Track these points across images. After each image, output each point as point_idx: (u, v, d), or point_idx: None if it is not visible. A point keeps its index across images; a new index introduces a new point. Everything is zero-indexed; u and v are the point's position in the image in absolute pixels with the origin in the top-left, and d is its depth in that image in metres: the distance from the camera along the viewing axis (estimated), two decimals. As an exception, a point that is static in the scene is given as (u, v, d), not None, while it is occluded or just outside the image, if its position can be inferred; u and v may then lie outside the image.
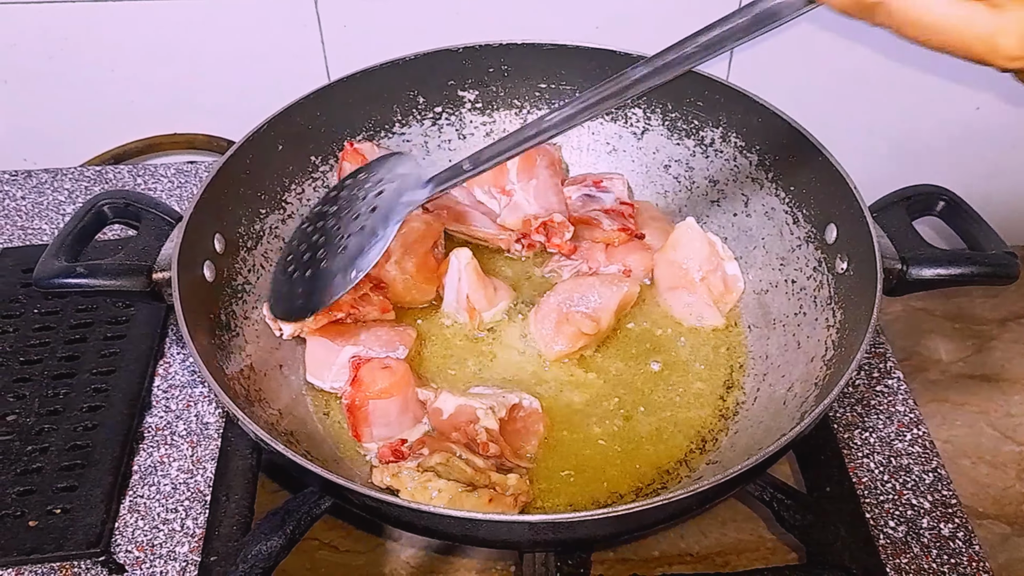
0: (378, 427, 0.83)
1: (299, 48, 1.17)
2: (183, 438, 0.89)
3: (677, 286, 0.95)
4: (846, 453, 0.87)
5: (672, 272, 0.96)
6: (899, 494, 0.84)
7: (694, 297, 0.95)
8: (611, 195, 1.02)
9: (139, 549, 0.80)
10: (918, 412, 0.91)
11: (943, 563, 0.79)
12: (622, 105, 1.04)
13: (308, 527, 0.77)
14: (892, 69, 1.18)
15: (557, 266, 1.00)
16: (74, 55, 1.17)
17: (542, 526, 0.68)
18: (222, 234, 0.87)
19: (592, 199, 1.02)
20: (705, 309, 0.94)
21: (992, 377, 1.04)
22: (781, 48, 1.17)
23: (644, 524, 0.77)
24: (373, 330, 0.90)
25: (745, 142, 0.97)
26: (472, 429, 0.80)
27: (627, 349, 0.93)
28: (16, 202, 1.14)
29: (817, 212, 0.90)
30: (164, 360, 0.96)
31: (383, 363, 0.85)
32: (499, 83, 1.04)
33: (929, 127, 1.24)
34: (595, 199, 1.02)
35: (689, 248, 0.95)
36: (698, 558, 0.83)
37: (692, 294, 0.95)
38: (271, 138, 0.93)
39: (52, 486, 0.82)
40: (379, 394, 0.82)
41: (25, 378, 0.91)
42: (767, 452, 0.67)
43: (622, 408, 0.87)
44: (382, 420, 0.83)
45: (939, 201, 0.86)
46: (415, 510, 0.66)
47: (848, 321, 0.82)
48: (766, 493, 0.79)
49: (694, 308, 0.95)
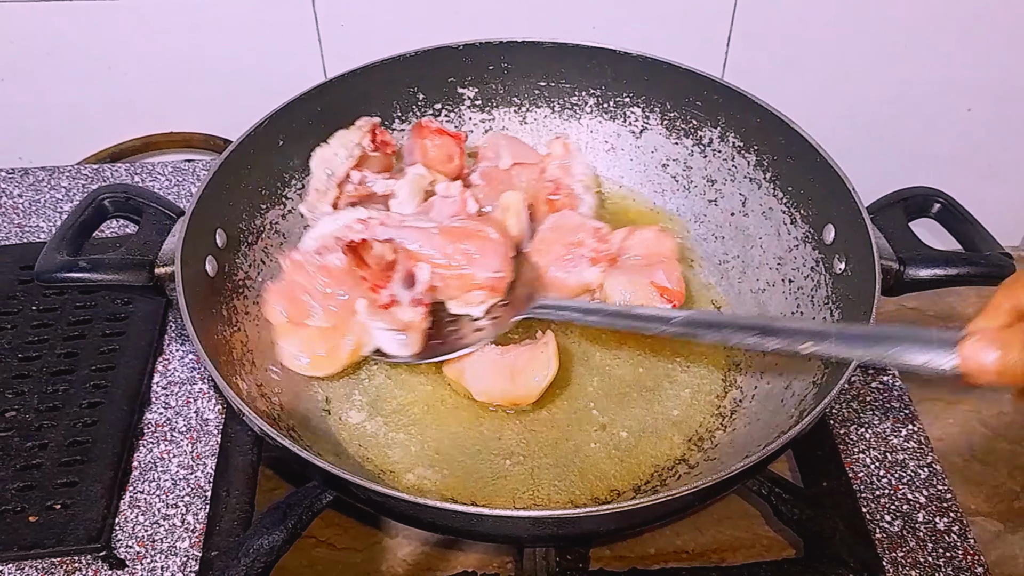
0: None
1: (296, 47, 1.17)
2: (183, 434, 0.89)
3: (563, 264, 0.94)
4: (842, 448, 0.88)
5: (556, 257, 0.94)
6: (895, 489, 0.85)
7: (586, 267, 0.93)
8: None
9: (140, 544, 0.80)
10: (913, 408, 0.92)
11: (939, 556, 0.80)
12: (620, 104, 1.05)
13: (309, 522, 0.77)
14: (889, 71, 1.20)
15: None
16: (71, 53, 1.17)
17: (545, 521, 0.68)
18: (224, 229, 0.87)
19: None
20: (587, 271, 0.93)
21: (984, 376, 1.05)
22: (779, 49, 1.18)
23: (645, 520, 0.77)
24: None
25: (743, 142, 0.98)
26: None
27: (625, 347, 0.93)
28: (13, 200, 1.13)
29: (815, 212, 0.91)
30: (163, 357, 0.96)
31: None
32: (499, 81, 1.05)
33: (925, 128, 1.25)
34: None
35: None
36: (694, 555, 0.83)
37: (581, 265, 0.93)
38: (272, 133, 0.93)
39: (52, 482, 0.82)
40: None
41: (24, 374, 0.91)
42: (767, 451, 0.68)
43: (621, 405, 0.88)
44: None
45: (935, 203, 0.87)
46: (418, 504, 0.66)
47: (846, 320, 0.82)
48: (764, 487, 0.80)
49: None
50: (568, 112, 1.07)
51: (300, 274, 0.86)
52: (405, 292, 0.88)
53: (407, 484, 0.81)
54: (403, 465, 0.83)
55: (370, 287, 0.88)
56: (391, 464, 0.83)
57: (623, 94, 1.04)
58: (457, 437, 0.85)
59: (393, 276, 0.88)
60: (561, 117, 1.07)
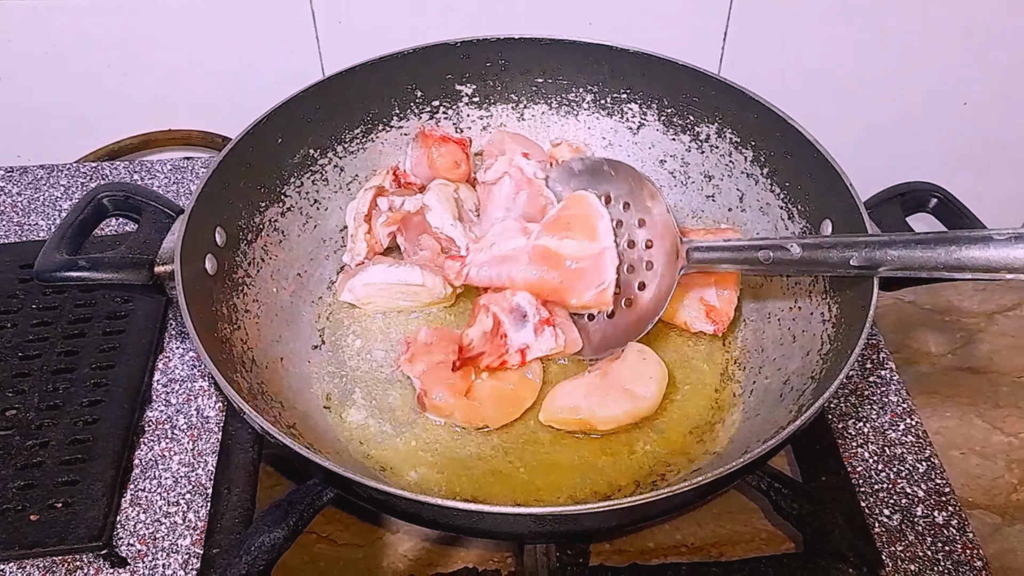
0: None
1: (294, 45, 1.17)
2: (184, 432, 0.89)
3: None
4: (841, 443, 0.88)
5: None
6: (893, 483, 0.86)
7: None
8: (529, 337, 0.87)
9: (141, 542, 0.81)
10: (911, 402, 0.93)
11: (938, 550, 0.80)
12: (618, 100, 1.05)
13: (311, 519, 0.77)
14: (886, 66, 1.20)
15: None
16: (69, 51, 1.17)
17: (546, 518, 0.68)
18: (223, 227, 0.87)
19: (520, 318, 0.89)
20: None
21: (981, 369, 1.05)
22: (776, 44, 1.18)
23: (645, 516, 0.77)
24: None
25: (740, 138, 0.98)
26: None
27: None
28: (12, 198, 1.13)
29: (812, 208, 0.91)
30: (164, 355, 0.96)
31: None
32: (496, 77, 1.05)
33: (922, 123, 1.25)
34: (522, 320, 0.89)
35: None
36: (694, 549, 0.84)
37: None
38: (271, 131, 0.93)
39: (53, 480, 0.82)
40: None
41: (25, 373, 0.91)
42: (766, 446, 0.68)
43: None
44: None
45: (932, 198, 0.87)
46: (419, 501, 0.66)
47: (843, 315, 0.83)
48: (763, 482, 0.80)
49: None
50: (566, 108, 1.07)
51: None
52: (523, 332, 0.86)
53: (408, 481, 0.81)
54: (404, 462, 0.83)
55: (496, 364, 0.86)
56: (392, 461, 0.83)
57: (620, 90, 1.04)
58: (457, 433, 0.86)
59: (504, 335, 0.86)
60: (559, 113, 1.07)
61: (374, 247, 0.97)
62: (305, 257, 0.97)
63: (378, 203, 0.97)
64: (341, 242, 1.01)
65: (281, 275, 0.94)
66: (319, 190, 1.00)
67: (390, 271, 0.92)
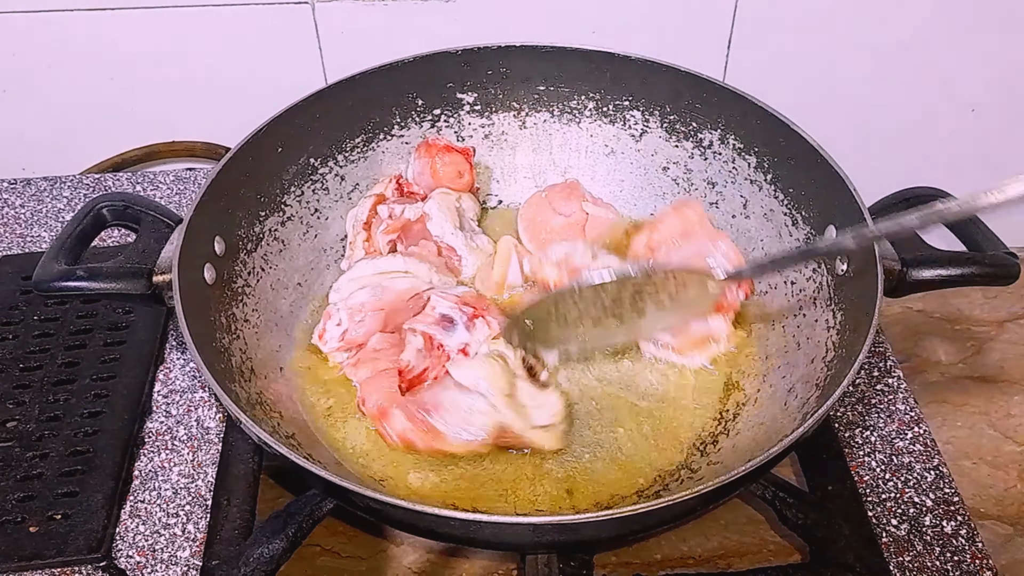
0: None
1: (297, 55, 1.17)
2: (184, 443, 0.89)
3: None
4: (847, 452, 0.87)
5: None
6: (901, 492, 0.85)
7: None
8: (465, 336, 0.86)
9: (140, 554, 0.80)
10: (918, 411, 0.91)
11: (946, 560, 0.79)
12: (620, 107, 1.04)
13: (310, 530, 0.77)
14: (891, 70, 1.19)
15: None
16: (73, 63, 1.17)
17: (545, 528, 0.68)
18: (222, 236, 0.87)
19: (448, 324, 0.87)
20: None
21: (991, 378, 1.04)
22: (779, 50, 1.17)
23: (647, 525, 0.77)
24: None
25: (743, 144, 0.98)
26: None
27: (627, 352, 0.93)
28: (15, 210, 1.14)
29: (816, 214, 0.90)
30: (164, 365, 0.95)
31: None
32: (498, 85, 1.05)
33: (926, 129, 1.24)
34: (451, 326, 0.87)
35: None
36: (700, 561, 0.83)
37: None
38: (270, 140, 0.93)
39: (53, 492, 0.82)
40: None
41: (25, 384, 0.91)
42: (770, 454, 0.67)
43: (622, 410, 0.87)
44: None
45: (938, 204, 0.86)
46: (417, 511, 0.65)
47: (848, 322, 0.82)
48: (768, 492, 0.79)
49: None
50: (568, 116, 1.06)
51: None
52: (456, 334, 0.85)
53: (407, 491, 0.81)
54: (403, 471, 0.82)
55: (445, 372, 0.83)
56: (391, 471, 0.82)
57: (622, 97, 1.03)
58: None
59: (440, 345, 0.85)
60: (561, 121, 1.07)
61: (371, 254, 0.96)
62: (306, 266, 0.97)
63: (378, 211, 0.96)
64: (342, 251, 1.00)
65: (281, 285, 0.94)
66: (319, 199, 1.00)
67: (373, 263, 0.91)
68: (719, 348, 0.92)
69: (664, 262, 0.91)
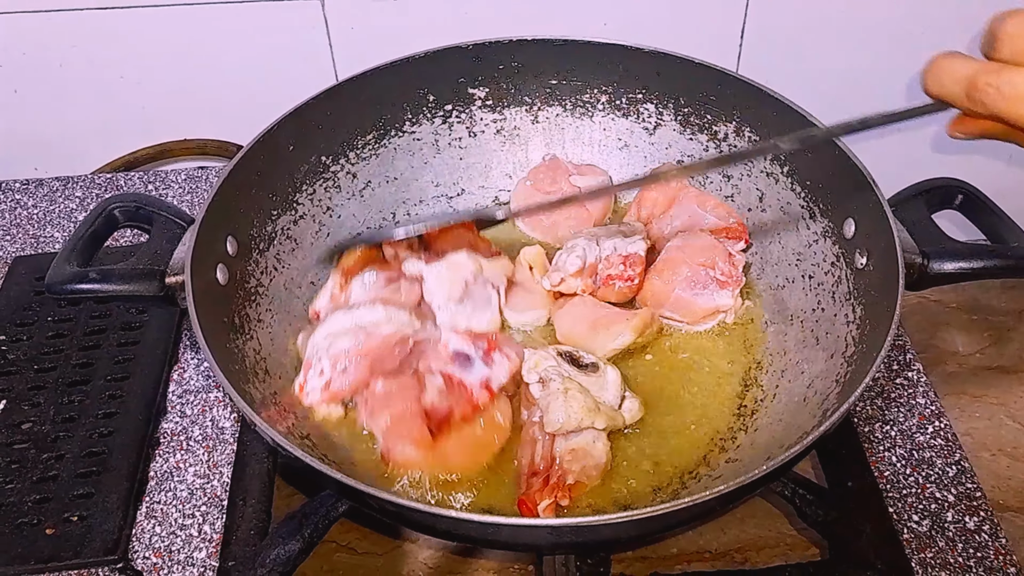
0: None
1: (308, 52, 1.17)
2: (199, 443, 0.88)
3: (692, 286, 0.93)
4: (867, 447, 0.86)
5: (684, 279, 0.93)
6: (922, 488, 0.84)
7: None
8: (484, 371, 0.84)
9: (157, 555, 0.80)
10: (939, 404, 0.90)
11: (969, 557, 0.78)
12: (633, 100, 1.03)
13: (326, 530, 0.77)
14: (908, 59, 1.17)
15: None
16: (84, 63, 1.17)
17: (563, 529, 0.67)
18: (234, 236, 0.87)
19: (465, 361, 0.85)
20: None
21: (1010, 369, 1.03)
22: (794, 39, 1.16)
23: (667, 526, 0.76)
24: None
25: (759, 136, 0.97)
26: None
27: (645, 349, 0.92)
28: (28, 211, 1.14)
29: (834, 206, 0.89)
30: (179, 365, 0.95)
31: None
32: (509, 80, 1.04)
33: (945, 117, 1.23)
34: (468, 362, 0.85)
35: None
36: (717, 555, 0.82)
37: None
38: (282, 139, 0.92)
39: (69, 493, 0.82)
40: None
41: (40, 386, 0.91)
42: (790, 453, 0.66)
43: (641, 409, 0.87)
44: None
45: (958, 194, 0.85)
46: (434, 514, 0.65)
47: (868, 317, 0.81)
48: (787, 489, 0.79)
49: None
50: (580, 110, 1.05)
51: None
52: (476, 369, 0.83)
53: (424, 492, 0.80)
54: (419, 472, 0.82)
55: (470, 410, 0.82)
56: (408, 471, 0.82)
57: (636, 90, 1.02)
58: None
59: (460, 383, 0.83)
60: (573, 115, 1.06)
61: (336, 298, 0.90)
62: (319, 265, 0.97)
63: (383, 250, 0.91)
64: (355, 249, 1.00)
65: (294, 284, 0.93)
66: (332, 197, 0.99)
67: (350, 314, 0.85)
68: (728, 319, 0.93)
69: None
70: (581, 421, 0.78)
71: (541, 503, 0.76)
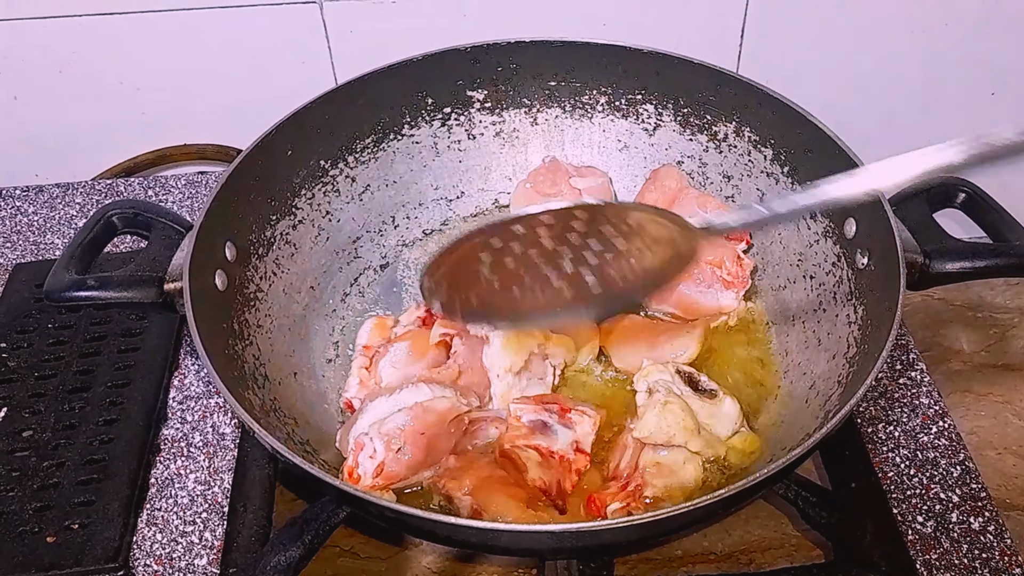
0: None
1: (307, 56, 1.17)
2: (199, 449, 0.88)
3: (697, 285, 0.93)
4: (871, 448, 0.86)
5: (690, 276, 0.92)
6: (926, 488, 0.83)
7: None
8: (569, 434, 0.82)
9: (158, 562, 0.80)
10: (943, 404, 0.90)
11: (974, 558, 0.78)
12: (633, 101, 1.03)
13: (326, 536, 0.77)
14: (909, 58, 1.17)
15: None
16: (83, 69, 1.17)
17: (564, 535, 0.67)
18: (233, 241, 0.86)
19: (545, 429, 0.82)
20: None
21: (1015, 366, 1.03)
22: (794, 39, 1.15)
23: (668, 530, 0.76)
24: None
25: (759, 136, 0.96)
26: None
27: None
28: (28, 217, 1.14)
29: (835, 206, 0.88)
30: (179, 372, 0.95)
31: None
32: (508, 82, 1.03)
33: (946, 116, 1.22)
34: (548, 430, 0.82)
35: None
36: (722, 557, 0.82)
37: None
38: (280, 143, 0.92)
39: (69, 501, 0.82)
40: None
41: (40, 393, 0.91)
42: (793, 455, 0.66)
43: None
44: None
45: (960, 193, 0.84)
46: (433, 520, 0.65)
47: (870, 317, 0.80)
48: (790, 491, 0.78)
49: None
50: (580, 111, 1.05)
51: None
52: (559, 434, 0.81)
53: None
54: (420, 476, 0.82)
55: (575, 475, 0.81)
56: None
57: (635, 91, 1.02)
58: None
59: (550, 451, 0.80)
60: (573, 117, 1.06)
61: (366, 382, 0.87)
62: (318, 269, 0.97)
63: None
64: (355, 253, 1.00)
65: (294, 288, 0.93)
66: (331, 201, 0.99)
67: (391, 400, 0.80)
68: (731, 322, 0.92)
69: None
70: (673, 437, 0.76)
71: (611, 504, 0.75)
